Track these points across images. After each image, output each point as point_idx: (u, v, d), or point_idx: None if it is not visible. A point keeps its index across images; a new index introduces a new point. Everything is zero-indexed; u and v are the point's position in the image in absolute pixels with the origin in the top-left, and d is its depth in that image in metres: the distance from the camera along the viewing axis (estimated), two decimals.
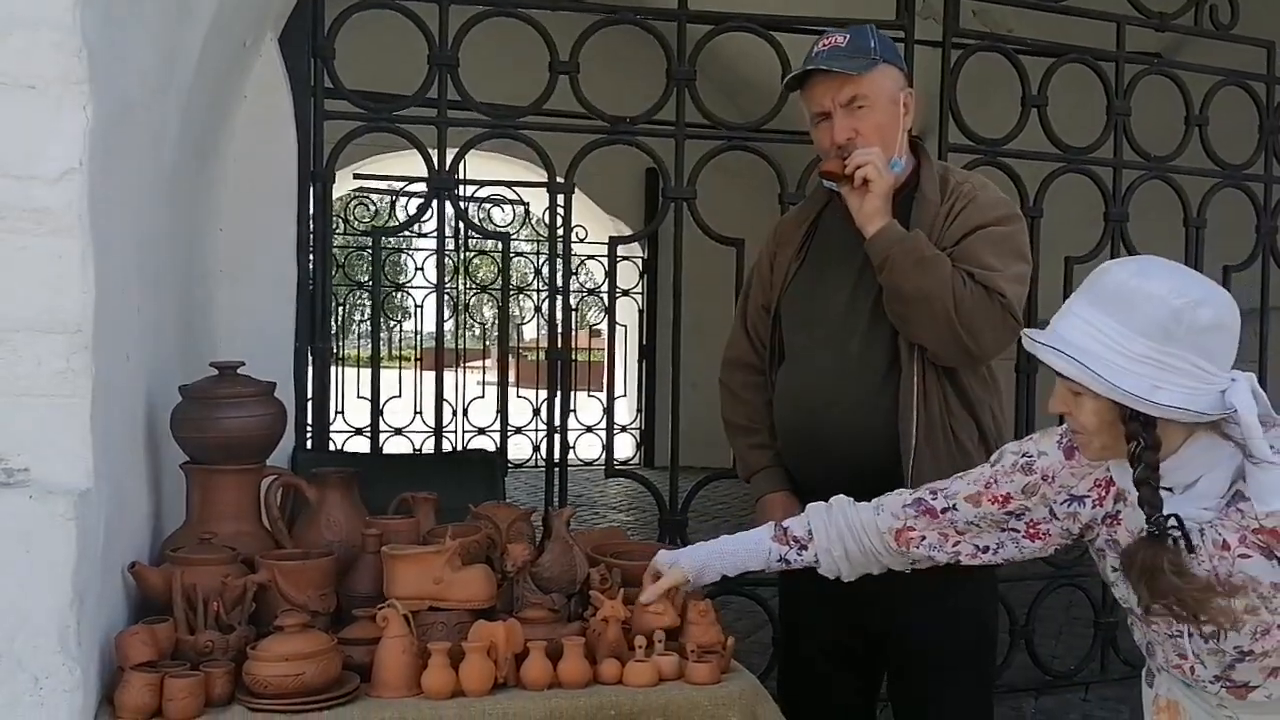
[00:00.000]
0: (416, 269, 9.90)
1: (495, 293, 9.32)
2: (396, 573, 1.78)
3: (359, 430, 7.88)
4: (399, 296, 10.31)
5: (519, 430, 8.95)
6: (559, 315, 3.57)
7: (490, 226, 8.51)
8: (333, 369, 4.92)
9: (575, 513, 2.07)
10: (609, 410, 4.09)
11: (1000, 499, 1.68)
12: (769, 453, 2.29)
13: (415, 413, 8.91)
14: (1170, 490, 1.50)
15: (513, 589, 1.88)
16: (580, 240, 8.70)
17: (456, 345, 9.60)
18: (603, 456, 4.11)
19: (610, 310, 4.12)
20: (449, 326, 9.95)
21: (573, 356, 4.00)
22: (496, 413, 3.79)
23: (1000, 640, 3.68)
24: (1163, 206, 3.97)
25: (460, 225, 8.04)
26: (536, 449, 9.10)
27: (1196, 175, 3.98)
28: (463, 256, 9.63)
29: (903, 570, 1.85)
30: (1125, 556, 1.50)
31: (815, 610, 2.19)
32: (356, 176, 8.04)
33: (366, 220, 9.43)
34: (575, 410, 8.09)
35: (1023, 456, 1.68)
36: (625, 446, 9.77)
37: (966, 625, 2.14)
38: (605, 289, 8.63)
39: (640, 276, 9.70)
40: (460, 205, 4.25)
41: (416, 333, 10.27)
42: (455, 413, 8.72)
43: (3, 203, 1.53)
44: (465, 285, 9.71)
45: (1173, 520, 1.44)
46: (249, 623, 1.77)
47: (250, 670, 1.62)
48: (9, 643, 1.51)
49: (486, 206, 9.35)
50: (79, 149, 1.55)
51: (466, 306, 9.93)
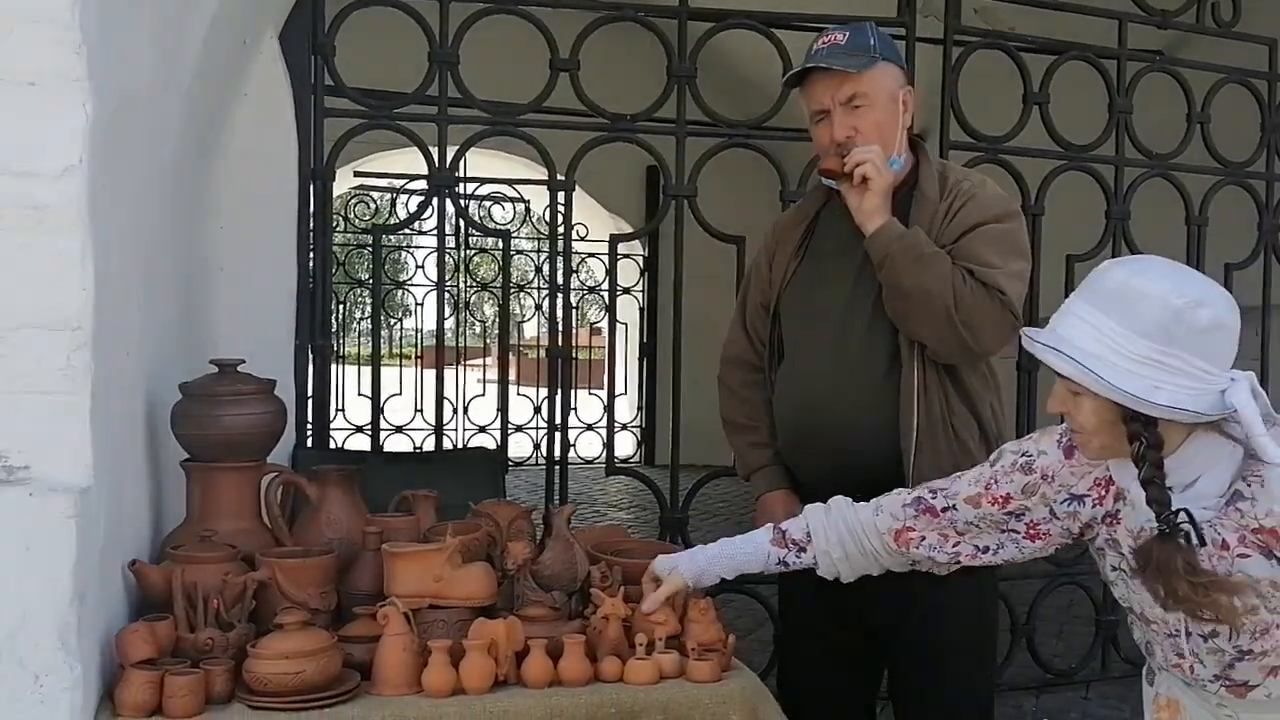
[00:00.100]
0: (417, 267, 9.90)
1: (496, 290, 9.32)
2: (397, 570, 1.78)
3: (359, 428, 7.89)
4: (399, 294, 10.30)
5: (519, 428, 8.95)
6: (559, 313, 3.57)
7: (491, 224, 8.50)
8: (333, 367, 4.92)
9: (576, 511, 2.07)
10: (609, 408, 4.09)
11: (1000, 499, 1.68)
12: (768, 451, 2.29)
13: (416, 410, 8.91)
14: (1170, 489, 1.49)
15: (513, 587, 1.88)
16: (581, 238, 8.69)
17: (457, 343, 9.60)
18: (603, 454, 4.10)
19: (611, 308, 4.11)
20: (449, 324, 9.95)
21: (573, 354, 3.99)
22: (497, 411, 3.78)
23: (1001, 638, 3.68)
24: (1164, 204, 3.97)
25: (461, 223, 8.04)
26: (537, 447, 9.10)
27: (1198, 173, 3.98)
28: (463, 254, 9.62)
29: (901, 570, 1.85)
30: (1139, 557, 1.49)
31: (815, 608, 2.18)
32: (357, 174, 8.04)
33: (367, 218, 9.42)
34: (576, 408, 8.09)
35: (1022, 456, 1.67)
36: (626, 444, 9.77)
37: (966, 622, 2.13)
38: (606, 287, 8.64)
39: (641, 274, 9.70)
40: (461, 203, 4.25)
41: (417, 330, 10.27)
42: (456, 411, 8.72)
43: (2, 200, 1.53)
44: (466, 283, 9.71)
45: (1183, 515, 1.44)
46: (249, 620, 1.77)
47: (250, 668, 1.62)
48: (9, 640, 1.51)
49: (487, 204, 9.34)
50: (79, 146, 1.55)
51: (467, 304, 9.93)
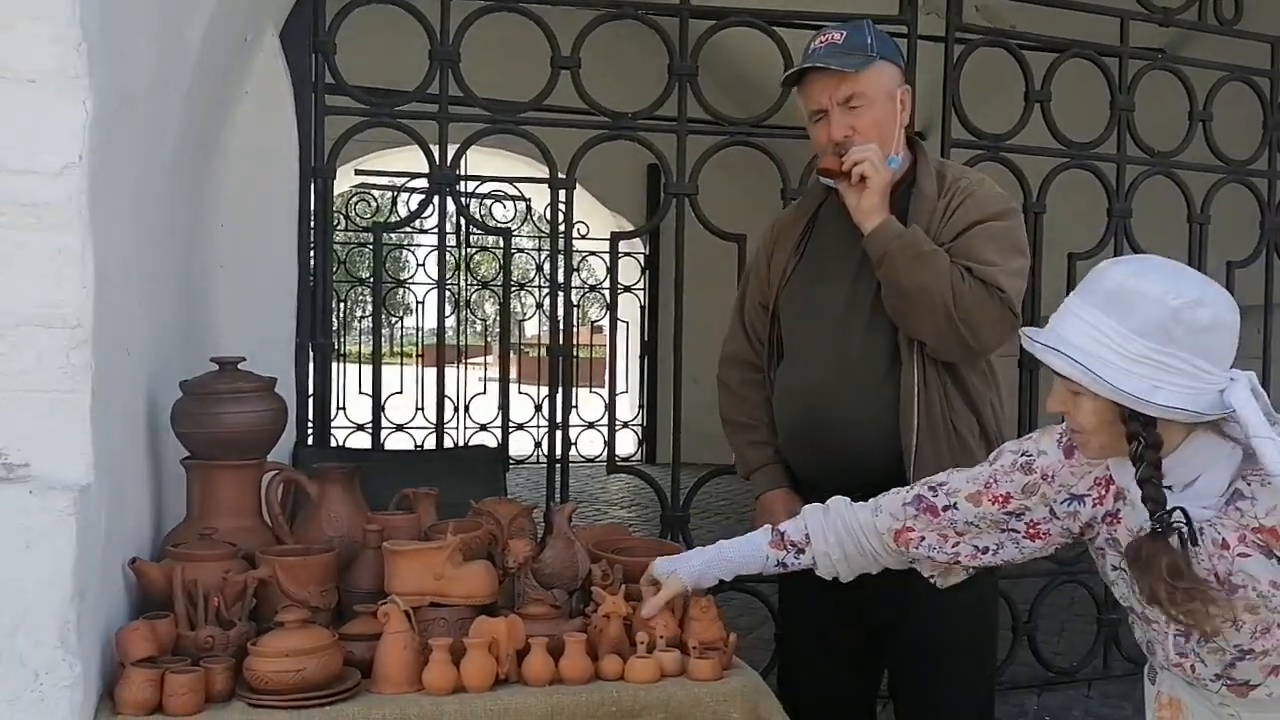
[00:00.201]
0: (418, 265, 9.90)
1: (497, 289, 9.31)
2: (398, 568, 1.78)
3: (360, 426, 7.89)
4: (400, 293, 10.30)
5: (520, 426, 8.94)
6: (560, 311, 3.56)
7: (491, 222, 8.48)
8: (334, 365, 4.92)
9: (577, 509, 2.07)
10: (610, 406, 4.09)
11: (1000, 499, 1.68)
12: (768, 450, 2.29)
13: (417, 409, 8.90)
14: (1169, 488, 1.49)
15: (514, 585, 1.88)
16: (582, 236, 8.68)
17: (458, 341, 9.59)
18: (604, 453, 4.10)
19: (612, 306, 4.11)
20: (450, 323, 9.94)
21: (574, 353, 3.99)
22: (498, 409, 3.78)
23: (1003, 637, 3.68)
24: (1166, 202, 3.96)
25: (461, 221, 8.03)
26: (538, 445, 9.10)
27: (1200, 171, 3.97)
28: (464, 252, 9.62)
29: (900, 568, 1.84)
30: (1130, 551, 1.50)
31: (815, 607, 2.18)
32: (358, 172, 8.02)
33: (368, 216, 9.41)
34: (577, 406, 8.09)
35: (1022, 455, 1.67)
36: (627, 443, 9.77)
37: (966, 619, 2.13)
38: (607, 285, 8.64)
39: (642, 272, 9.70)
40: (461, 201, 4.24)
41: (418, 329, 10.26)
42: (457, 409, 8.72)
43: (2, 197, 1.53)
44: (466, 281, 9.71)
45: (1178, 515, 1.44)
46: (250, 618, 1.77)
47: (251, 666, 1.62)
48: (9, 638, 1.51)
49: (488, 202, 9.33)
50: (79, 143, 1.54)
51: (468, 303, 9.92)
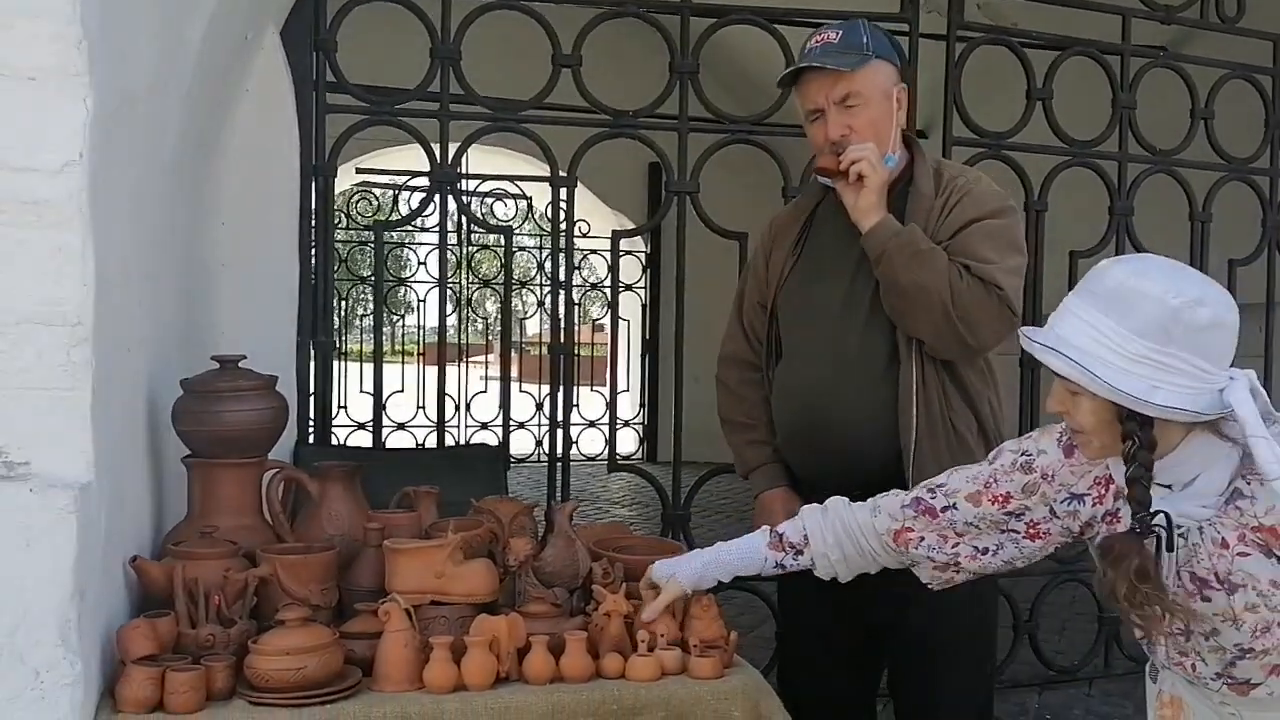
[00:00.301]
0: (419, 263, 9.90)
1: (498, 287, 9.29)
2: (398, 567, 1.78)
3: (361, 425, 7.90)
4: (401, 291, 10.30)
5: (521, 425, 8.94)
6: (561, 310, 3.56)
7: (493, 221, 8.47)
8: (335, 364, 4.92)
9: (578, 507, 2.07)
10: (612, 405, 4.09)
11: (1000, 498, 1.67)
12: (767, 449, 2.29)
13: (418, 407, 8.90)
14: (1169, 487, 1.49)
15: (515, 583, 1.88)
16: (583, 235, 8.68)
17: (459, 340, 9.57)
18: (605, 451, 4.10)
19: (613, 305, 4.11)
20: (451, 321, 9.93)
21: (575, 351, 3.99)
22: (499, 407, 3.78)
23: (1004, 636, 3.67)
24: (1168, 200, 3.96)
25: (463, 219, 8.02)
26: (539, 444, 9.10)
27: (1202, 169, 3.96)
28: (465, 251, 9.62)
29: (899, 568, 1.84)
30: (1103, 545, 1.50)
31: (814, 607, 2.18)
32: (359, 171, 8.01)
33: (369, 214, 9.42)
34: (578, 405, 8.11)
35: (1022, 455, 1.66)
36: (628, 441, 9.77)
37: (965, 618, 2.13)
38: (608, 283, 8.63)
39: (643, 271, 9.70)
40: (463, 199, 4.24)
41: (419, 327, 10.26)
42: (458, 407, 8.72)
43: (2, 195, 1.52)
44: (468, 280, 9.71)
45: (1160, 519, 1.44)
46: (250, 617, 1.77)
47: (251, 664, 1.62)
48: (10, 636, 1.51)
49: (489, 201, 9.33)
50: (79, 141, 1.54)
51: (469, 301, 9.92)
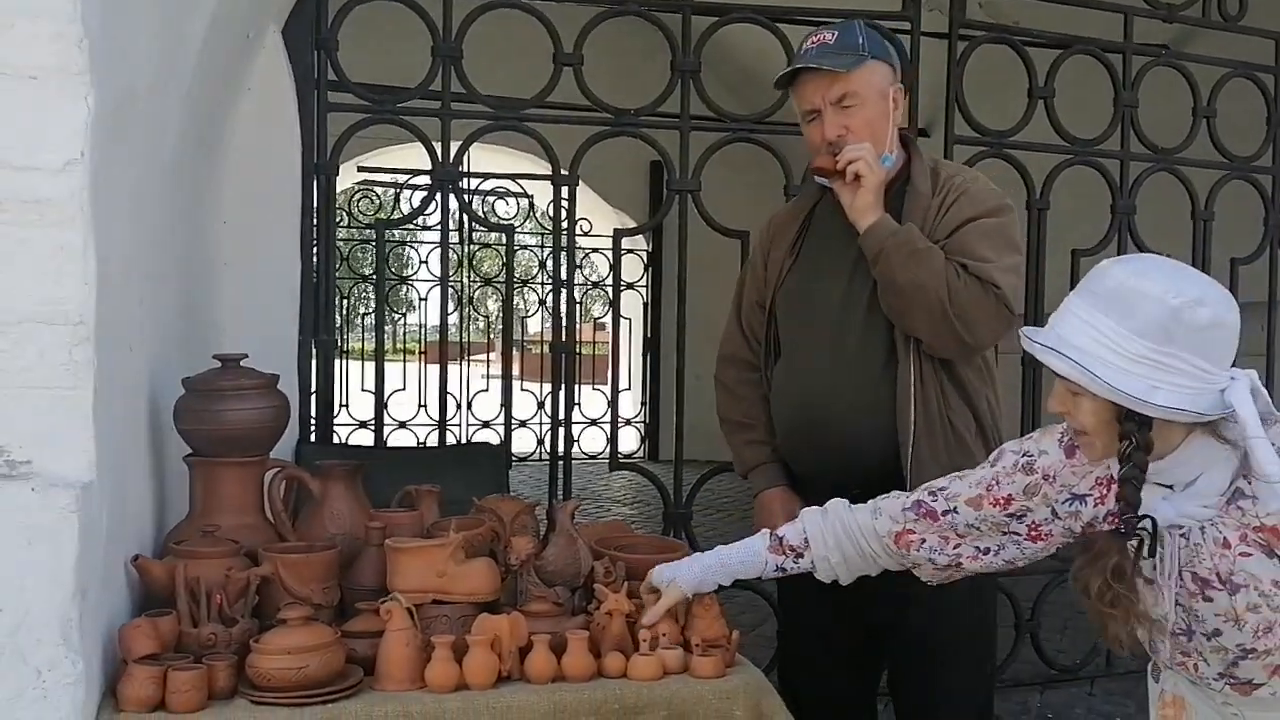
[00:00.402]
0: (421, 262, 9.89)
1: (499, 286, 9.31)
2: (400, 566, 1.78)
3: (363, 423, 7.90)
4: (403, 289, 10.30)
5: (523, 423, 8.94)
6: (563, 308, 3.56)
7: (494, 219, 8.48)
8: (337, 362, 4.92)
9: (579, 506, 2.07)
10: (613, 403, 4.09)
11: (1001, 501, 1.67)
12: (766, 449, 2.30)
13: (419, 406, 8.91)
14: (1171, 488, 1.49)
15: (517, 582, 1.88)
16: (584, 233, 8.69)
17: (461, 338, 9.56)
18: (607, 450, 4.10)
19: (614, 303, 4.11)
20: (453, 320, 9.93)
21: (577, 350, 3.99)
22: (500, 406, 3.78)
23: (1006, 635, 3.67)
24: (1170, 199, 3.96)
25: (464, 218, 8.03)
26: (541, 442, 9.11)
27: (1204, 167, 3.96)
28: (467, 249, 9.62)
29: (899, 569, 1.84)
30: (1085, 539, 1.50)
31: (815, 606, 2.19)
32: (361, 169, 8.02)
33: (370, 213, 9.42)
34: (579, 403, 8.11)
35: (1023, 456, 1.66)
36: (629, 440, 9.77)
37: (965, 617, 2.14)
38: (609, 282, 8.63)
39: (645, 269, 9.71)
40: (464, 198, 4.24)
41: (421, 326, 10.27)
42: (459, 406, 8.72)
43: (4, 194, 1.52)
44: (469, 278, 9.70)
45: (1145, 524, 1.44)
46: (252, 616, 1.77)
47: (253, 663, 1.62)
48: (12, 636, 1.51)
49: (490, 199, 9.34)
50: (80, 140, 1.54)
51: (471, 299, 9.92)
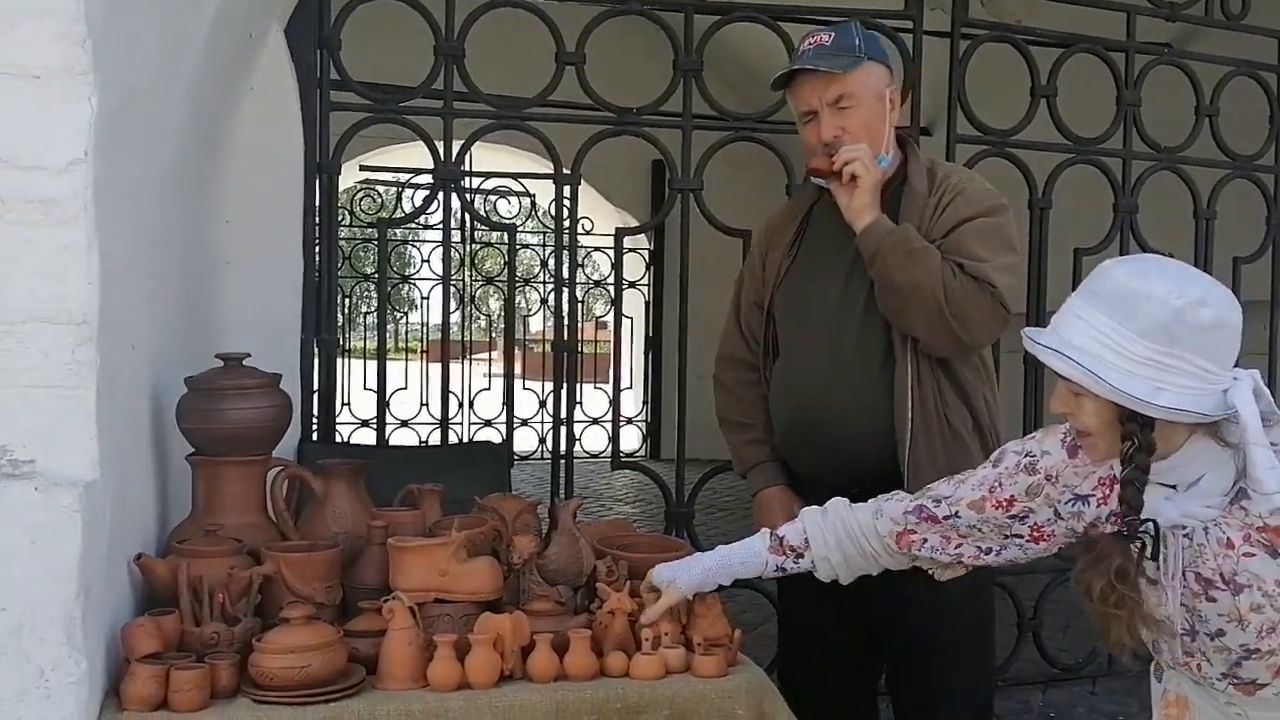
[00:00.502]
0: (423, 261, 9.89)
1: (502, 284, 9.31)
2: (402, 565, 1.78)
3: (365, 422, 7.90)
4: (405, 288, 10.29)
5: (525, 422, 8.95)
6: (565, 307, 3.56)
7: (496, 218, 8.47)
8: (339, 361, 4.92)
9: (582, 505, 2.07)
10: (615, 402, 4.09)
11: (1004, 503, 1.67)
12: (764, 448, 2.31)
13: (421, 405, 8.92)
14: (1174, 488, 1.49)
15: (519, 581, 1.88)
16: (586, 232, 8.67)
17: (463, 337, 9.55)
18: (609, 448, 4.10)
19: (616, 302, 4.11)
20: (455, 318, 9.93)
21: (579, 348, 3.99)
22: (503, 405, 3.78)
23: (1008, 633, 3.68)
24: (1172, 198, 3.95)
25: (466, 217, 8.02)
26: (543, 441, 9.10)
27: (1207, 166, 3.95)
28: (469, 248, 9.62)
29: (901, 568, 1.84)
30: (1088, 542, 1.50)
31: (815, 605, 2.19)
32: (363, 168, 8.01)
33: (373, 212, 9.41)
34: (581, 402, 8.10)
35: (1025, 456, 1.66)
36: (631, 438, 9.77)
37: (965, 614, 2.15)
38: (611, 281, 8.62)
39: (646, 268, 9.71)
40: (466, 197, 4.24)
41: (423, 325, 10.26)
42: (461, 405, 8.73)
43: (8, 193, 1.53)
44: (471, 277, 9.71)
45: (1148, 526, 1.44)
46: (254, 615, 1.77)
47: (256, 662, 1.62)
48: (15, 635, 1.51)
49: (492, 198, 9.33)
50: (84, 139, 1.54)
51: (473, 298, 9.92)
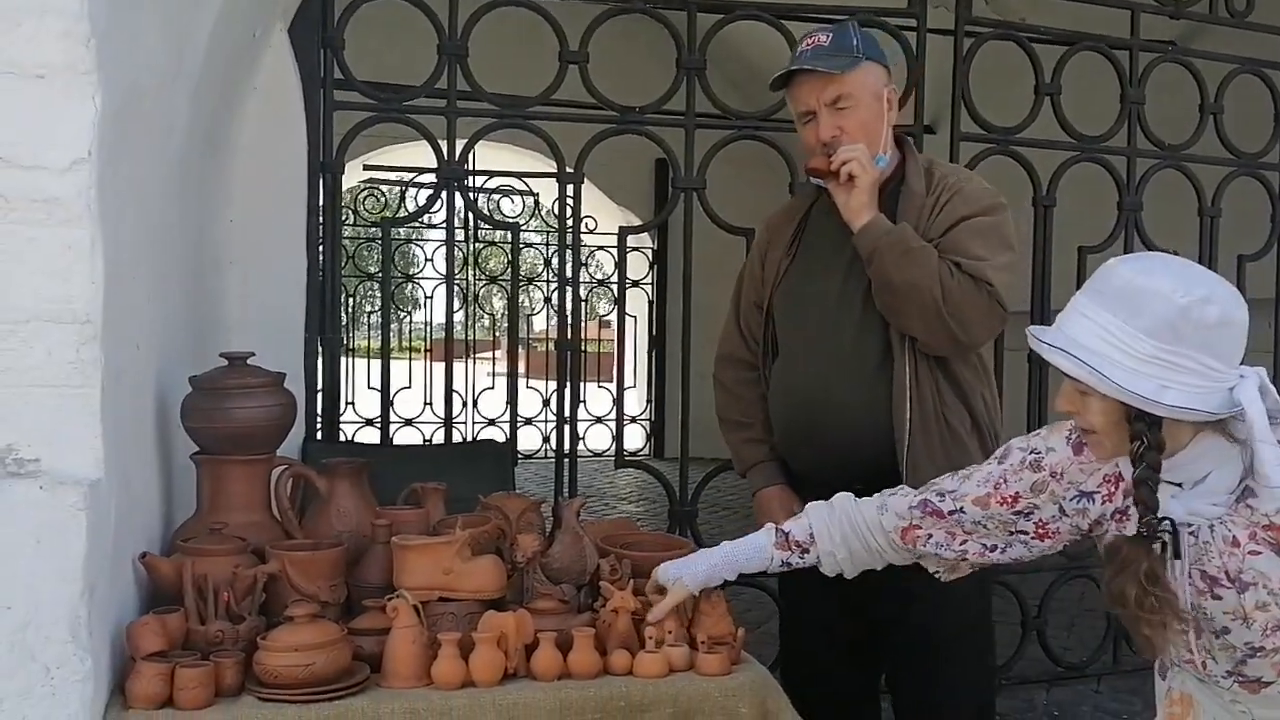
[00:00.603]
0: (426, 260, 9.89)
1: (505, 284, 9.31)
2: (406, 563, 1.78)
3: (369, 421, 7.90)
4: (409, 287, 10.29)
5: (529, 421, 8.94)
6: (569, 306, 3.56)
7: (500, 217, 8.47)
8: (343, 360, 4.92)
9: (585, 503, 2.07)
10: (618, 401, 4.10)
11: (1009, 499, 1.67)
12: (764, 447, 2.32)
13: (425, 404, 8.91)
14: (1180, 485, 1.49)
15: (523, 580, 1.88)
16: (590, 231, 8.65)
17: (466, 336, 9.55)
18: (612, 447, 4.11)
19: (620, 301, 4.11)
20: (459, 317, 9.93)
21: (582, 347, 3.99)
22: (506, 404, 3.78)
23: (1012, 632, 3.67)
24: (1177, 196, 3.94)
25: (470, 216, 8.03)
26: (546, 440, 9.09)
27: (1211, 164, 3.94)
28: (472, 247, 9.62)
29: (905, 564, 1.84)
30: (1110, 549, 1.50)
31: (818, 600, 2.19)
32: (366, 168, 8.02)
33: (376, 211, 9.41)
34: (585, 401, 8.10)
35: (1031, 453, 1.66)
36: (635, 437, 9.76)
37: (967, 609, 2.15)
38: (615, 279, 8.62)
39: (650, 267, 9.70)
40: (470, 196, 4.24)
41: (426, 324, 10.27)
42: (465, 404, 8.73)
43: (11, 193, 1.53)
44: (475, 276, 9.71)
45: (1166, 524, 1.44)
46: (259, 613, 1.78)
47: (260, 660, 1.63)
48: (20, 633, 1.51)
49: (496, 197, 9.33)
50: (88, 139, 1.55)
51: (476, 297, 9.91)
